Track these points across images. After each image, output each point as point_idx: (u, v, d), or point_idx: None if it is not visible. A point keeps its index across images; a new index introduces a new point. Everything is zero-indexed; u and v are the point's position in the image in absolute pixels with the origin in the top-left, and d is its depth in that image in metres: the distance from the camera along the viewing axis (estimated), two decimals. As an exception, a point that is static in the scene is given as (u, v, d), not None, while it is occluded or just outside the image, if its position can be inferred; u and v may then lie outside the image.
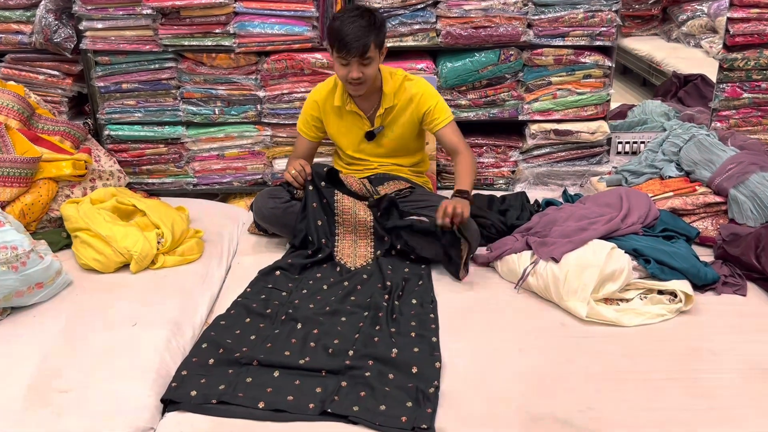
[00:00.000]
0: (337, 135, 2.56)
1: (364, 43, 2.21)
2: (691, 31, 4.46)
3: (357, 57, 2.23)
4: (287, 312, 2.03)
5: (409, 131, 2.51)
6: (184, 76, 2.91)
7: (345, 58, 2.24)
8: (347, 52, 2.21)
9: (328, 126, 2.55)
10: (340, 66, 2.29)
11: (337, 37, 2.21)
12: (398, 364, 1.78)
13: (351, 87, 2.34)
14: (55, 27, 2.79)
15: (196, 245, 2.41)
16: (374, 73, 2.34)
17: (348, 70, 2.27)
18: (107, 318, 2.00)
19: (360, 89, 2.35)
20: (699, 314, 2.03)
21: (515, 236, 2.37)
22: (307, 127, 2.58)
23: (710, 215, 2.50)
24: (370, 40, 2.22)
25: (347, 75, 2.28)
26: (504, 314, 2.05)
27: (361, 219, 2.35)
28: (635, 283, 2.10)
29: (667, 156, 2.71)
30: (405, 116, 2.48)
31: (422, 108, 2.45)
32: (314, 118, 2.54)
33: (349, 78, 2.29)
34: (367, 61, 2.26)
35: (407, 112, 2.47)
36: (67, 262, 2.30)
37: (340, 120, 2.52)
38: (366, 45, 2.21)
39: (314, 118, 2.54)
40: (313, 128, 2.57)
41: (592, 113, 2.96)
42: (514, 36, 2.79)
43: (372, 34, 2.23)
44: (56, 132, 2.68)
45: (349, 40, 2.19)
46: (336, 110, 2.50)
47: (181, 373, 1.76)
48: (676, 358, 1.82)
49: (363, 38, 2.20)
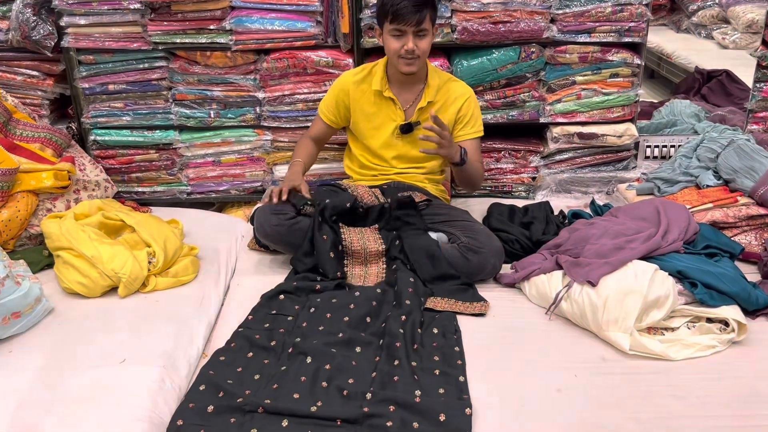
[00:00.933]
0: (365, 126, 2.42)
1: (420, 11, 2.15)
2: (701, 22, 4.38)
3: (413, 26, 2.16)
4: (294, 342, 1.83)
5: None
6: (176, 76, 2.74)
7: (400, 29, 2.18)
8: (403, 21, 2.16)
9: (356, 115, 2.43)
10: (393, 39, 2.22)
11: (391, 5, 2.15)
12: (423, 410, 1.58)
13: (403, 62, 2.25)
14: (34, 23, 2.61)
15: (191, 264, 2.23)
16: (428, 49, 2.26)
17: (402, 42, 2.20)
18: (92, 353, 1.82)
19: (413, 65, 2.25)
20: (753, 345, 1.84)
21: (543, 254, 2.18)
22: (328, 110, 2.48)
23: (753, 228, 2.32)
24: (427, 10, 2.17)
25: (401, 48, 2.21)
26: (536, 346, 1.86)
27: (372, 250, 2.20)
28: (681, 309, 1.91)
29: (703, 162, 2.53)
30: (444, 117, 2.33)
31: (461, 112, 2.37)
32: (340, 103, 2.43)
33: (404, 51, 2.21)
34: (423, 33, 2.20)
35: (447, 113, 2.37)
36: (49, 284, 2.12)
37: (373, 108, 2.39)
38: (422, 14, 2.16)
39: (340, 103, 2.43)
40: (336, 113, 2.47)
41: (619, 115, 2.78)
42: (536, 32, 2.61)
43: (428, 4, 2.18)
44: (36, 139, 2.49)
45: (405, 6, 2.14)
46: (370, 97, 2.38)
47: (176, 423, 1.57)
48: (734, 399, 1.64)
49: (419, 5, 2.15)
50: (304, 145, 2.53)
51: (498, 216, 2.46)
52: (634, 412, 1.60)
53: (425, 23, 2.17)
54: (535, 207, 2.53)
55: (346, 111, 2.43)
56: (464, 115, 2.36)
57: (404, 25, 2.16)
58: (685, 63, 3.92)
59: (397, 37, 2.20)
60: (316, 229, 2.16)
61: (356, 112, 2.41)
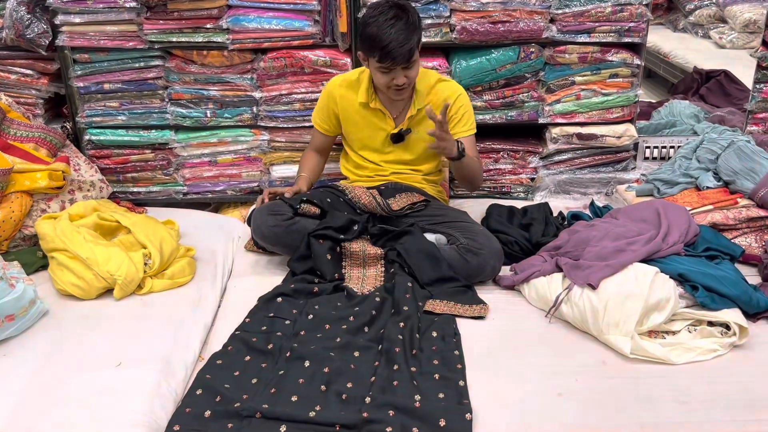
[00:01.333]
0: (356, 136, 2.40)
1: (409, 48, 2.07)
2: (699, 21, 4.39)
3: (402, 65, 2.10)
4: (292, 347, 1.82)
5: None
6: (173, 75, 2.73)
7: (388, 67, 2.11)
8: (392, 61, 2.08)
9: (346, 124, 2.40)
10: (381, 74, 2.15)
11: (378, 45, 2.06)
12: (423, 415, 1.56)
13: (394, 93, 2.21)
14: (28, 21, 2.58)
15: (188, 266, 2.22)
16: (417, 75, 2.21)
17: (391, 77, 2.15)
18: (88, 356, 1.80)
19: (403, 94, 2.23)
20: (754, 349, 1.83)
21: (542, 256, 2.17)
22: (321, 119, 2.47)
23: (754, 231, 2.31)
24: (414, 43, 2.09)
25: (390, 82, 2.14)
26: (536, 350, 1.85)
27: (370, 253, 2.19)
28: (682, 313, 1.90)
29: (703, 164, 2.52)
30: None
31: (452, 111, 2.31)
32: (330, 111, 2.40)
33: (394, 85, 2.14)
34: (412, 64, 2.13)
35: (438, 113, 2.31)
36: (43, 286, 2.11)
37: (361, 118, 2.36)
38: (411, 50, 2.08)
39: (330, 111, 2.40)
40: (328, 122, 2.44)
41: (618, 116, 2.78)
42: (535, 32, 2.61)
43: (414, 35, 2.09)
44: (30, 138, 2.46)
45: (393, 47, 2.05)
46: (357, 108, 2.35)
47: (173, 429, 1.55)
48: (737, 404, 1.63)
49: (406, 43, 2.06)
50: (308, 158, 2.52)
51: (497, 217, 2.44)
52: (636, 417, 1.59)
53: (414, 56, 2.12)
54: (534, 208, 2.52)
55: (336, 119, 2.42)
56: (455, 114, 2.33)
57: (394, 65, 2.10)
58: (683, 62, 3.92)
59: (385, 73, 2.15)
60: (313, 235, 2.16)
61: (346, 121, 2.40)
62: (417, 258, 2.13)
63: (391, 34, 2.03)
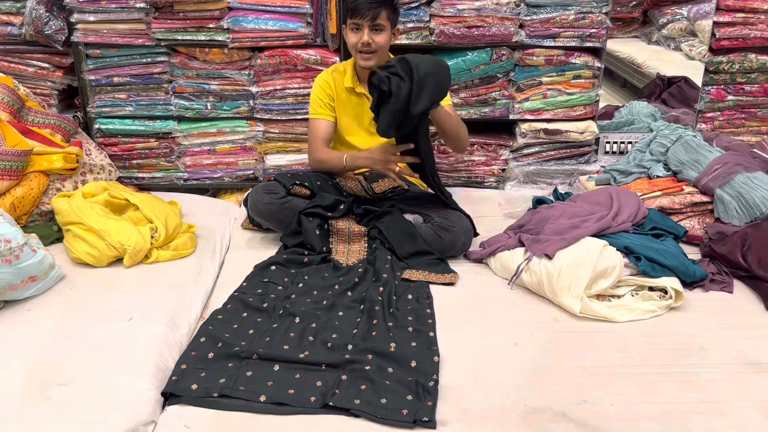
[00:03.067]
0: (344, 119, 2.57)
1: (376, 8, 2.31)
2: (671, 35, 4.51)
3: (368, 21, 2.32)
4: (285, 306, 2.04)
5: None
6: (177, 70, 2.90)
7: (357, 23, 2.34)
8: (359, 15, 2.32)
9: (338, 106, 2.57)
10: (352, 33, 2.38)
11: (352, 2, 2.32)
12: (397, 358, 1.79)
13: (361, 57, 2.40)
14: (46, 19, 2.76)
15: (190, 240, 2.41)
16: (385, 45, 2.40)
17: (359, 36, 2.35)
18: (102, 312, 1.99)
19: (370, 59, 2.40)
20: (688, 311, 2.07)
21: (508, 233, 2.40)
22: (322, 107, 2.55)
23: (697, 214, 2.55)
24: (382, 8, 2.33)
25: (358, 42, 2.36)
26: (498, 310, 2.08)
27: (355, 230, 2.40)
28: (626, 279, 2.13)
29: (655, 156, 2.76)
30: None
31: None
32: (328, 96, 2.55)
33: (360, 44, 2.36)
34: (379, 28, 2.35)
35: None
36: (59, 255, 2.29)
37: (348, 104, 2.55)
38: (378, 10, 2.31)
39: (328, 96, 2.55)
40: (329, 107, 2.56)
41: (581, 113, 3.00)
42: (506, 36, 2.82)
43: (385, 3, 2.33)
44: (47, 125, 2.66)
45: (362, 3, 2.30)
46: (345, 93, 2.53)
47: (180, 367, 1.76)
48: (667, 352, 1.86)
49: (375, 3, 2.31)
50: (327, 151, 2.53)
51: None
52: (579, 361, 1.81)
53: (380, 19, 2.33)
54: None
55: (333, 102, 2.55)
56: None
57: (360, 19, 2.32)
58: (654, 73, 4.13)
59: (354, 31, 2.37)
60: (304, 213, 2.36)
61: (338, 103, 2.56)
62: (396, 235, 2.35)
63: None
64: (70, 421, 1.56)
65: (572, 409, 1.63)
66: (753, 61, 3.00)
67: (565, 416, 1.61)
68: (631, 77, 4.36)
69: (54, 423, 1.56)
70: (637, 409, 1.64)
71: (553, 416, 1.61)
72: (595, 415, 1.62)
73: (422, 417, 1.58)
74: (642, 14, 4.74)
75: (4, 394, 1.64)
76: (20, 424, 1.55)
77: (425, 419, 1.57)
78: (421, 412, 1.60)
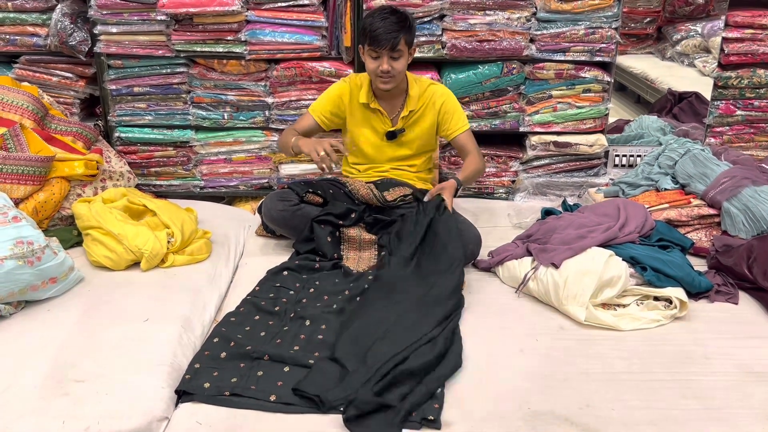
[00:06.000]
0: (358, 132, 2.62)
1: (395, 37, 2.32)
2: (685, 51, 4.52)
3: (387, 50, 2.34)
4: (296, 310, 2.09)
5: (428, 134, 2.61)
6: (195, 81, 2.97)
7: (376, 51, 2.36)
8: (378, 45, 2.33)
9: (350, 121, 2.62)
10: (371, 60, 2.40)
11: (370, 31, 2.34)
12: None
13: (380, 81, 2.44)
14: (71, 30, 2.84)
15: (205, 245, 2.46)
16: (403, 69, 2.44)
17: (378, 63, 2.38)
18: (119, 313, 2.05)
19: (389, 83, 2.44)
20: (693, 320, 2.09)
21: (516, 243, 2.44)
22: (321, 111, 2.60)
23: (704, 227, 2.57)
24: (401, 36, 2.34)
25: (377, 68, 2.39)
26: (505, 317, 2.11)
27: (366, 238, 2.44)
28: (632, 289, 2.16)
29: (663, 169, 2.79)
30: (426, 120, 2.58)
31: (442, 113, 2.57)
32: (336, 107, 2.59)
33: (379, 71, 2.39)
34: (397, 54, 2.37)
35: (429, 115, 2.58)
36: (78, 259, 2.34)
37: (363, 117, 2.60)
38: (396, 39, 2.33)
39: (336, 107, 2.59)
40: (329, 118, 2.61)
41: (590, 126, 3.03)
42: (516, 50, 2.87)
43: (403, 30, 2.35)
44: (69, 132, 2.74)
45: (380, 32, 2.31)
46: (361, 107, 2.58)
47: (194, 366, 1.81)
48: (670, 360, 1.89)
49: (394, 32, 2.32)
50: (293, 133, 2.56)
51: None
52: (583, 368, 1.85)
53: (400, 46, 2.35)
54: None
55: (340, 119, 2.62)
56: (446, 112, 2.56)
57: (380, 49, 2.34)
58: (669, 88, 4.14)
59: (374, 58, 2.39)
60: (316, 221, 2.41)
61: (351, 118, 2.61)
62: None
63: (382, 23, 2.32)
64: (87, 415, 1.62)
65: (575, 413, 1.67)
66: (761, 76, 3.02)
67: (567, 420, 1.65)
68: (644, 93, 4.37)
69: (71, 417, 1.61)
70: (638, 414, 1.67)
71: (555, 420, 1.65)
72: (597, 420, 1.65)
73: (428, 416, 1.62)
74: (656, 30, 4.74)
75: (24, 389, 1.70)
76: (39, 418, 1.61)
77: (431, 418, 1.61)
78: (427, 412, 1.64)
